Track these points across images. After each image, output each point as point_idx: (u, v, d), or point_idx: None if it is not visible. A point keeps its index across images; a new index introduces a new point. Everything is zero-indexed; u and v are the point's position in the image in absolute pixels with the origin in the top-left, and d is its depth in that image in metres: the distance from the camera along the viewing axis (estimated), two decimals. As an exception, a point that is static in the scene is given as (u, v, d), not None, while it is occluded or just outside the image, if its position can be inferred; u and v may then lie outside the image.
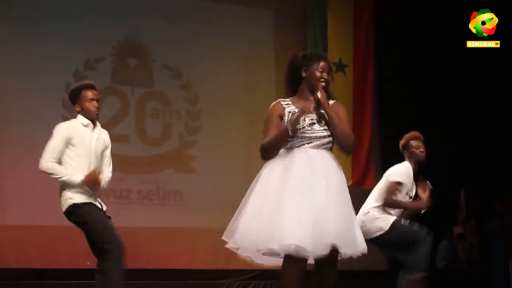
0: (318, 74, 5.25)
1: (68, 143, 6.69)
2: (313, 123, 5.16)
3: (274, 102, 5.35)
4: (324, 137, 5.17)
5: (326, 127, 5.17)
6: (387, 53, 11.97)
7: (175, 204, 11.31)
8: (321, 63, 5.29)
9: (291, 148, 5.16)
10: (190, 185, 11.35)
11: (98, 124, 6.93)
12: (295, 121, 5.00)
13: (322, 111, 5.16)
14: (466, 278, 11.72)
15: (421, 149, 7.85)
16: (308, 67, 5.28)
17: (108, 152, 7.02)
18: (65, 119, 10.62)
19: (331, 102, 5.25)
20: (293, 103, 5.27)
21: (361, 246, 5.12)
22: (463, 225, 12.40)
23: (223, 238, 5.36)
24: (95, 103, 6.81)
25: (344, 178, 5.26)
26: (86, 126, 6.80)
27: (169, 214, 11.21)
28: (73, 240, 10.43)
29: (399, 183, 7.60)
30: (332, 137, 5.19)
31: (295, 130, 5.01)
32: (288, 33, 11.98)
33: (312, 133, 5.14)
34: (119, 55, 11.39)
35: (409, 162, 7.79)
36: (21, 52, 10.77)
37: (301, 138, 5.13)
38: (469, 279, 11.67)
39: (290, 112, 5.19)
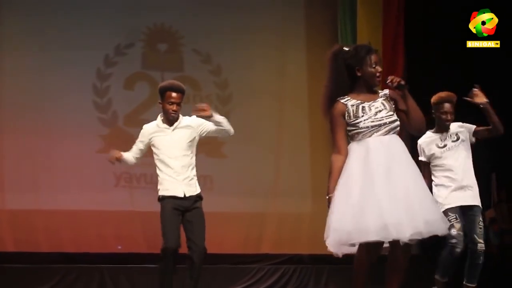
0: (372, 70, 5.31)
1: None
2: (379, 111, 5.25)
3: (334, 104, 5.32)
4: (392, 122, 5.25)
5: (392, 112, 5.27)
6: (417, 37, 11.79)
7: (205, 188, 11.04)
8: (371, 57, 5.33)
9: (363, 139, 5.22)
10: (220, 169, 11.26)
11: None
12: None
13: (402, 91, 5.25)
14: (498, 264, 11.52)
15: (449, 116, 7.85)
16: (361, 66, 5.32)
17: None
18: (96, 104, 10.88)
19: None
20: (353, 98, 5.31)
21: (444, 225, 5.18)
22: (495, 210, 12.30)
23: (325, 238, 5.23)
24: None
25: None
26: None
27: (200, 199, 11.15)
28: (103, 225, 10.56)
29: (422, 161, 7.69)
30: (404, 120, 5.33)
31: None
32: (318, 19, 11.75)
33: (380, 120, 5.21)
34: (149, 41, 11.34)
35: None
36: (52, 38, 10.84)
37: (371, 128, 5.19)
38: (501, 265, 11.50)
39: (352, 105, 5.25)
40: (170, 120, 7.19)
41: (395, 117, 5.27)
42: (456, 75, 11.83)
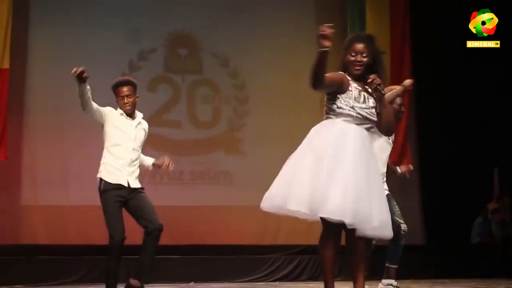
0: (351, 58, 5.04)
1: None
2: (374, 107, 5.01)
3: (341, 72, 5.05)
4: (375, 121, 5.03)
5: (376, 114, 5.02)
6: (423, 37, 11.86)
7: (225, 184, 11.43)
8: (354, 46, 5.06)
9: (350, 123, 4.95)
10: (238, 166, 11.45)
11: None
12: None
13: (379, 94, 4.99)
14: (499, 253, 11.68)
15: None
16: (346, 52, 5.07)
17: None
18: None
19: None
20: (353, 81, 5.03)
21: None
22: (497, 202, 12.36)
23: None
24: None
25: None
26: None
27: (220, 194, 11.32)
28: (130, 218, 10.69)
29: None
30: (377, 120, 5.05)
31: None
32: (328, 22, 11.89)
33: (371, 115, 4.98)
34: (170, 46, 11.51)
35: None
36: (80, 46, 10.98)
37: (363, 118, 4.96)
38: (503, 254, 11.62)
39: (356, 88, 4.99)
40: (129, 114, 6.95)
41: (377, 118, 5.04)
42: (456, 75, 11.88)
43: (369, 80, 4.95)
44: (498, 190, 12.33)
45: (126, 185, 6.73)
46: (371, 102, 5.02)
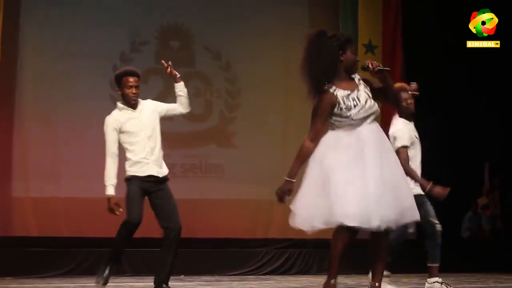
0: (353, 57, 5.09)
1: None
2: (368, 100, 5.00)
3: (324, 92, 4.99)
4: (376, 110, 5.04)
5: (374, 100, 5.03)
6: (415, 34, 11.82)
7: (216, 177, 11.37)
8: (353, 46, 5.18)
9: (353, 129, 4.96)
10: (230, 159, 11.39)
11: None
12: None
13: (382, 73, 5.02)
14: (489, 247, 11.71)
15: (409, 101, 7.09)
16: (344, 51, 5.04)
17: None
18: (112, 98, 10.91)
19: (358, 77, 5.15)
20: (339, 87, 5.00)
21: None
22: (487, 197, 12.38)
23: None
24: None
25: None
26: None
27: (211, 187, 11.27)
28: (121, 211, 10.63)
29: (407, 147, 6.90)
30: (387, 96, 5.13)
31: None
32: (321, 18, 11.82)
33: (369, 109, 4.96)
34: (162, 38, 11.46)
35: (400, 117, 7.04)
36: (72, 37, 10.94)
37: (362, 118, 4.96)
38: (492, 248, 11.67)
39: (342, 97, 4.95)
40: (132, 104, 6.78)
41: (377, 105, 5.04)
42: (456, 74, 11.85)
43: (368, 65, 4.98)
44: (488, 184, 12.35)
45: (155, 174, 6.62)
46: (362, 99, 5.00)
